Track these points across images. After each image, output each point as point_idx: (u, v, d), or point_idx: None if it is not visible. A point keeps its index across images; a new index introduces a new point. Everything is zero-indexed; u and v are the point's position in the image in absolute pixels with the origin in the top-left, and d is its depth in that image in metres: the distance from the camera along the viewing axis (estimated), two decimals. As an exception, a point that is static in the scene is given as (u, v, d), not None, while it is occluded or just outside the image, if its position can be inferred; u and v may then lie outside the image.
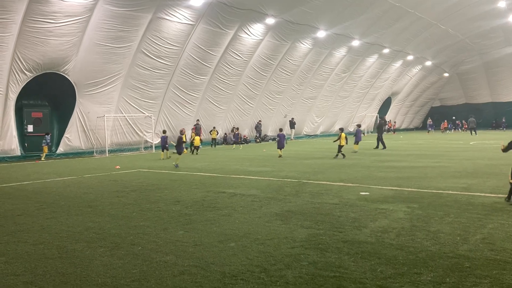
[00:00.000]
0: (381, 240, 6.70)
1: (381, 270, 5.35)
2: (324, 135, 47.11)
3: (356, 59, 43.19)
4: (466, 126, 51.04)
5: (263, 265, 5.59)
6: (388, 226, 7.58)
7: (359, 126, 27.27)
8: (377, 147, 27.47)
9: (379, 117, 40.50)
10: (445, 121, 57.56)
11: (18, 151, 23.99)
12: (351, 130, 51.60)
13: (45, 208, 9.90)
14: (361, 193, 11.01)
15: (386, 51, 44.40)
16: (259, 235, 7.09)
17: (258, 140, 38.44)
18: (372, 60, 45.34)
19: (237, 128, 35.71)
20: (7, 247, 6.72)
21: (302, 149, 28.69)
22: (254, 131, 38.67)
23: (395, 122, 57.84)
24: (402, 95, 57.50)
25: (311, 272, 5.30)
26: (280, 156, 22.18)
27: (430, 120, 57.21)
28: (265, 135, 39.81)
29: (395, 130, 55.76)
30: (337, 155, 21.54)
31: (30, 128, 25.24)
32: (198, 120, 32.27)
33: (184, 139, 19.36)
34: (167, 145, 24.25)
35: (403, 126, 62.57)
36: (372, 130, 53.48)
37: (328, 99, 45.09)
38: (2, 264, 5.88)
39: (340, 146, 21.47)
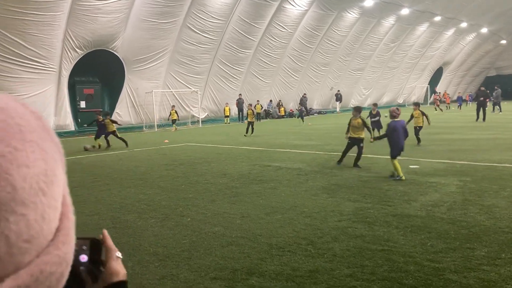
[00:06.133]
0: (431, 214, 6.53)
1: (432, 244, 5.23)
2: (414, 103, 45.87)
3: (406, 28, 41.51)
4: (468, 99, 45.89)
5: (310, 238, 5.60)
6: (439, 200, 7.37)
7: (375, 104, 18.72)
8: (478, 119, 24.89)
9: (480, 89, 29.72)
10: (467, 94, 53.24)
11: (72, 126, 25.06)
12: (400, 102, 50.14)
13: (99, 180, 10.33)
14: (411, 166, 10.73)
15: (437, 19, 42.32)
16: (305, 208, 7.09)
17: (303, 114, 38.09)
18: (422, 28, 43.42)
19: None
20: (65, 217, 7.08)
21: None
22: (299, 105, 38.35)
23: (437, 93, 52.22)
24: (454, 65, 54.95)
25: (358, 245, 5.26)
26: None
27: (459, 92, 51.59)
28: (310, 108, 39.38)
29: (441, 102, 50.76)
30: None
31: (82, 104, 26.20)
32: (240, 94, 32.31)
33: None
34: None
35: (454, 97, 59.98)
36: (422, 102, 51.53)
37: (376, 70, 43.82)
38: (61, 233, 6.22)
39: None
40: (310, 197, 7.90)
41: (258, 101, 33.64)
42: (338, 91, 40.69)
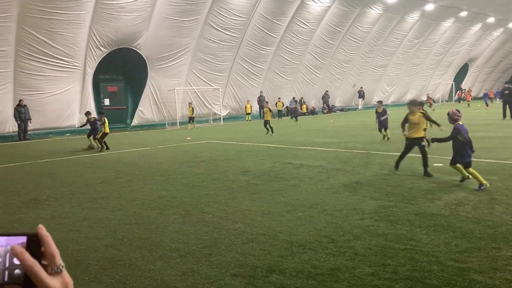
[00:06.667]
0: (455, 213, 6.40)
1: (456, 243, 5.13)
2: (396, 105, 45.30)
3: (430, 24, 40.75)
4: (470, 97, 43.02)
5: (331, 236, 5.56)
6: (463, 198, 7.22)
7: (380, 102, 17.93)
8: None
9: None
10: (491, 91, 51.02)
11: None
12: (424, 99, 49.26)
13: (122, 177, 10.48)
14: (434, 164, 10.53)
15: (463, 14, 41.40)
16: (326, 206, 7.05)
17: (325, 111, 37.86)
18: (447, 24, 42.55)
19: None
20: (89, 213, 7.21)
21: (372, 120, 27.91)
22: (321, 102, 38.11)
23: (462, 90, 50.83)
24: (480, 61, 53.69)
25: (380, 244, 5.19)
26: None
27: (485, 89, 49.29)
28: (332, 105, 39.08)
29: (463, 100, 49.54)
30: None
31: (106, 101, 26.63)
32: (261, 92, 32.28)
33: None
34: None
35: (480, 94, 58.65)
36: (447, 99, 50.69)
37: (400, 67, 43.19)
38: (85, 228, 6.33)
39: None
40: (331, 195, 7.85)
41: (279, 98, 33.55)
42: (361, 88, 40.26)
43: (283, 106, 34.05)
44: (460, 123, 8.33)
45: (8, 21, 19.81)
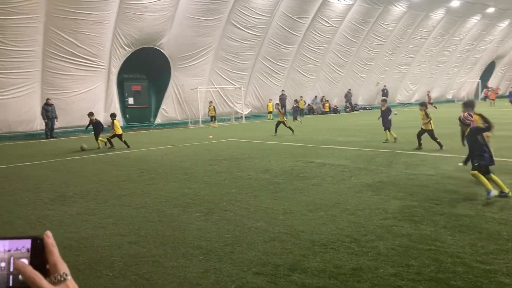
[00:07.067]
0: (481, 213, 6.27)
1: (482, 245, 5.02)
2: (419, 103, 44.50)
3: (456, 21, 39.96)
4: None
5: (354, 235, 5.52)
6: (490, 199, 7.05)
7: (384, 100, 17.42)
8: None
9: None
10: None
11: (121, 122, 25.85)
12: (449, 97, 48.42)
13: (145, 175, 10.62)
14: (460, 164, 10.34)
15: (490, 10, 40.46)
16: (349, 205, 7.00)
17: (348, 110, 37.55)
18: (474, 21, 41.65)
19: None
20: (114, 210, 7.34)
21: (396, 118, 27.53)
22: (344, 101, 37.80)
23: (489, 88, 48.38)
24: (508, 59, 52.34)
25: (404, 244, 5.13)
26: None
27: None
28: (355, 104, 38.73)
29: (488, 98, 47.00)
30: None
31: (130, 100, 27.01)
32: (283, 90, 32.21)
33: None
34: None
35: (506, 93, 57.16)
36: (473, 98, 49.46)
37: (424, 65, 42.48)
38: (110, 225, 6.45)
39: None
40: (354, 194, 7.78)
41: (301, 96, 33.44)
42: (385, 86, 39.77)
43: (305, 104, 33.92)
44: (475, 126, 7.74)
45: (36, 22, 20.30)
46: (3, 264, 0.76)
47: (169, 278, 4.47)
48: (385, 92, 39.67)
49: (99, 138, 16.90)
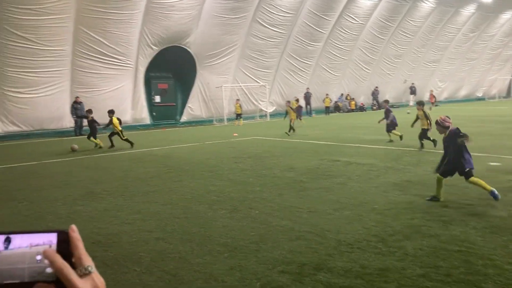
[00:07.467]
0: (514, 215, 6.10)
1: (514, 247, 4.89)
2: (449, 101, 43.61)
3: (487, 17, 38.90)
4: None
5: (381, 235, 5.45)
6: (523, 200, 6.86)
7: (387, 102, 17.48)
8: None
9: None
10: None
11: (148, 120, 26.25)
12: (479, 95, 47.21)
13: (172, 172, 10.73)
14: (491, 163, 10.08)
15: (524, 5, 39.25)
16: (376, 205, 6.91)
17: (375, 108, 37.05)
18: (506, 16, 40.48)
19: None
20: (142, 206, 7.45)
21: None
22: (371, 98, 37.30)
23: None
24: (542, 55, 50.69)
25: (433, 245, 5.03)
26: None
27: None
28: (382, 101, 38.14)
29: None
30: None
31: (157, 98, 27.37)
32: (308, 88, 32.02)
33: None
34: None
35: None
36: (504, 95, 48.22)
37: (453, 62, 41.53)
38: (139, 221, 6.55)
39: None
40: (381, 193, 7.68)
41: (327, 94, 33.18)
42: (413, 83, 39.05)
43: (330, 102, 33.67)
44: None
45: (66, 21, 20.76)
46: (38, 257, 0.77)
47: (195, 275, 4.51)
48: (413, 90, 38.98)
49: (93, 139, 16.46)
